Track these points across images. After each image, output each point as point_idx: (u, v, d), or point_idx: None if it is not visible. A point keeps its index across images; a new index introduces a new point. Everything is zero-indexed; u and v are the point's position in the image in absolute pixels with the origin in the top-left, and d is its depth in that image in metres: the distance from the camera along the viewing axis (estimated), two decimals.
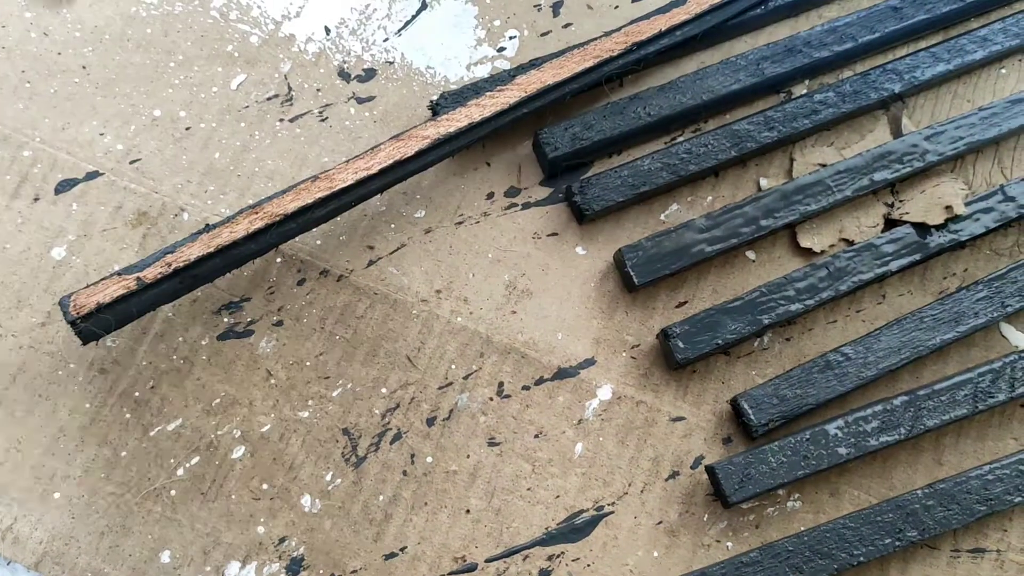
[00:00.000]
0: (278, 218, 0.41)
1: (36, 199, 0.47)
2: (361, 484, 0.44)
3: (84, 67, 0.49)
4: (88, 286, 0.39)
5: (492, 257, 0.48)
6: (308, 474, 0.44)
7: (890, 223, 0.49)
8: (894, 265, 0.47)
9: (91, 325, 0.39)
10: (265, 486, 0.44)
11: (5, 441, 0.43)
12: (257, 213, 0.41)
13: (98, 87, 0.49)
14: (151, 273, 0.39)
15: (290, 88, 0.50)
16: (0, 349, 0.44)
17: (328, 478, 0.44)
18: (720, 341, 0.45)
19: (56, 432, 0.44)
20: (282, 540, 0.43)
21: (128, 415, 0.44)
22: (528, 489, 0.44)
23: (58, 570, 0.42)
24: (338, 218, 0.47)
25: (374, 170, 0.43)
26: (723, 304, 0.46)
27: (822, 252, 0.48)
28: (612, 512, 0.44)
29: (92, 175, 0.47)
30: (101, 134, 0.48)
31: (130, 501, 0.43)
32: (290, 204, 0.41)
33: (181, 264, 0.39)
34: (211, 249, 0.40)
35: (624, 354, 0.46)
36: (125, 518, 0.43)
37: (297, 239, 0.47)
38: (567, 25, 0.52)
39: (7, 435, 0.43)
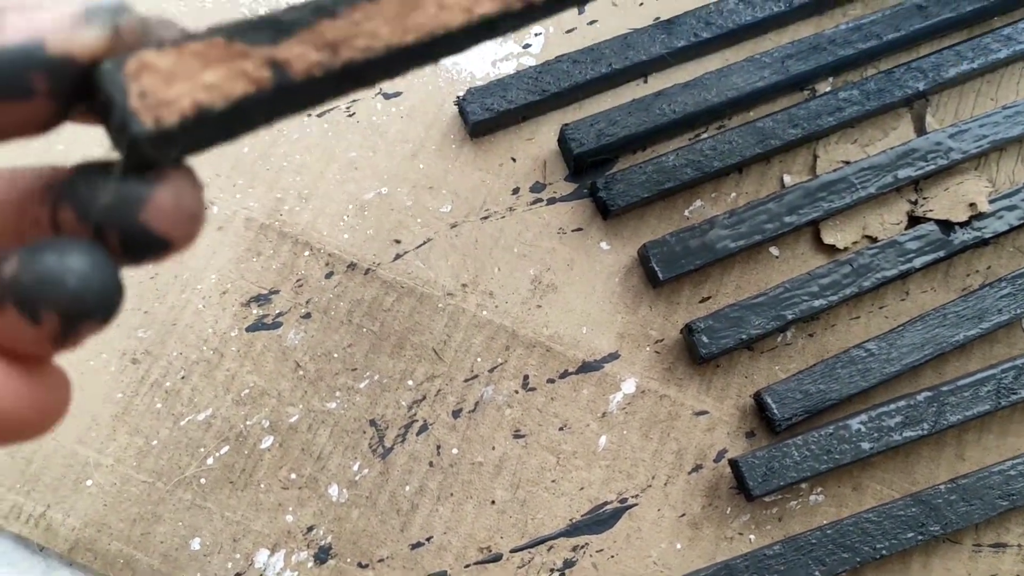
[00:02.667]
0: (515, 5, 0.21)
1: None
2: (388, 475, 0.44)
3: None
4: (142, 55, 0.17)
5: (517, 252, 0.48)
6: (336, 464, 0.44)
7: (914, 220, 0.49)
8: (918, 262, 0.47)
9: (155, 147, 0.18)
10: (293, 476, 0.44)
11: None
12: None
13: None
14: (299, 62, 0.19)
15: None
16: None
17: (355, 468, 0.44)
18: (744, 336, 0.45)
19: (88, 421, 0.44)
20: (310, 529, 0.44)
21: (159, 405, 0.45)
22: (553, 481, 0.45)
23: (90, 556, 0.43)
24: (366, 212, 0.48)
25: None
26: (747, 300, 0.46)
27: (845, 249, 0.48)
28: (636, 504, 0.45)
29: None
30: None
31: (161, 489, 0.44)
32: None
33: (358, 55, 0.19)
34: (409, 36, 0.20)
35: (648, 348, 0.47)
36: (156, 506, 0.43)
37: (324, 232, 0.47)
38: (592, 22, 0.52)
39: None
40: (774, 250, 0.49)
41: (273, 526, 0.43)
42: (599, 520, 0.44)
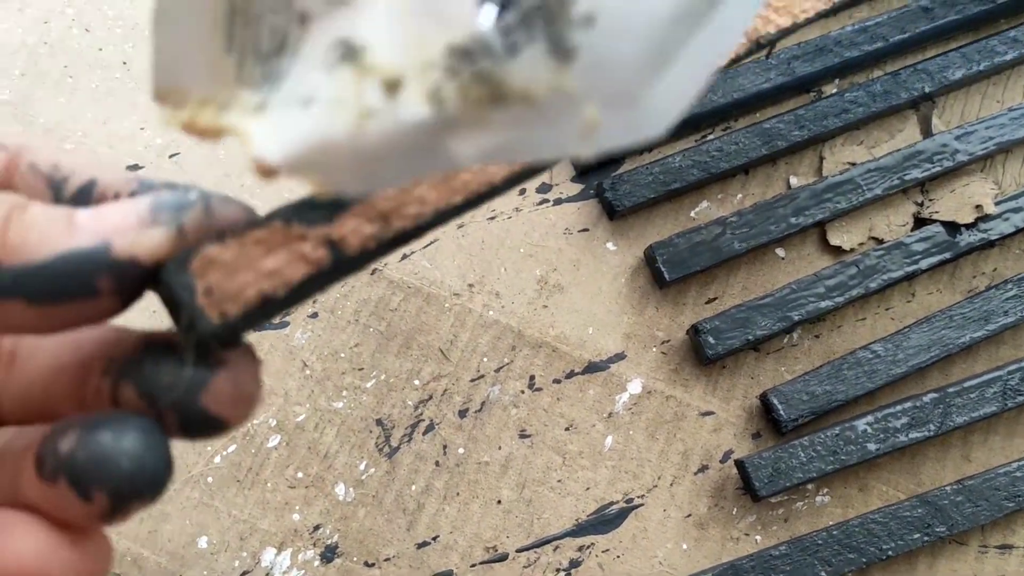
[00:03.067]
0: None
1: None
2: (394, 474, 0.45)
3: (125, 63, 0.50)
4: (206, 251, 0.18)
5: (524, 252, 0.48)
6: (342, 463, 0.45)
7: (920, 222, 0.49)
8: (924, 263, 0.47)
9: (220, 338, 0.19)
10: (300, 475, 0.44)
11: None
12: None
13: (138, 83, 0.50)
14: (354, 237, 0.19)
15: None
16: None
17: (362, 468, 0.45)
18: (750, 337, 0.45)
19: None
20: (317, 528, 0.44)
21: None
22: (559, 481, 0.45)
23: None
24: None
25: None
26: (753, 301, 0.46)
27: (852, 250, 0.48)
28: (642, 505, 0.45)
29: (132, 168, 0.48)
30: (141, 128, 0.49)
31: (169, 487, 0.44)
32: None
33: (409, 223, 0.20)
34: (457, 197, 0.20)
35: (654, 349, 0.47)
36: (164, 504, 0.44)
37: None
38: None
39: None
40: (780, 251, 0.49)
41: (280, 525, 0.44)
42: (605, 520, 0.44)
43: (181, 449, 0.44)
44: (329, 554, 0.43)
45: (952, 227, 0.48)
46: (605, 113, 0.16)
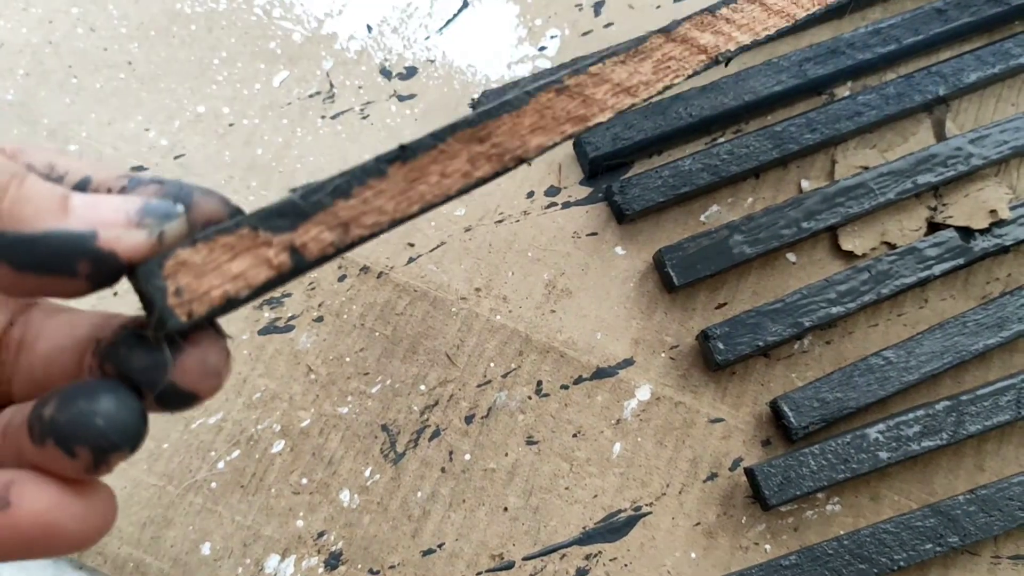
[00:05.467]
0: (509, 164, 0.24)
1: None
2: (400, 480, 0.44)
3: (130, 63, 0.50)
4: (179, 254, 0.20)
5: (532, 256, 0.48)
6: (347, 469, 0.44)
7: (933, 227, 0.48)
8: (937, 269, 0.46)
9: (186, 331, 0.20)
10: (304, 480, 0.44)
11: None
12: (483, 144, 0.24)
13: (143, 83, 0.50)
14: (314, 244, 0.21)
15: (332, 85, 0.50)
16: None
17: (367, 474, 0.44)
18: (760, 343, 0.45)
19: None
20: (321, 534, 0.43)
21: None
22: (566, 488, 0.44)
23: (100, 560, 0.42)
24: None
25: (639, 100, 0.28)
26: (763, 306, 0.46)
27: (864, 255, 0.48)
28: (650, 513, 0.44)
29: (137, 169, 0.48)
30: (146, 129, 0.49)
31: (172, 493, 0.43)
32: (532, 141, 0.25)
33: (366, 231, 0.22)
34: (413, 207, 0.22)
35: (663, 355, 0.46)
36: (167, 509, 0.43)
37: None
38: (608, 25, 0.52)
39: None
40: (791, 256, 0.48)
41: (284, 531, 0.43)
42: (613, 528, 0.44)
43: (184, 455, 0.44)
44: (333, 561, 0.43)
45: (966, 232, 0.47)
46: None
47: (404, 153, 0.22)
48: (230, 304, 0.20)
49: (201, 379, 0.20)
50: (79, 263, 0.19)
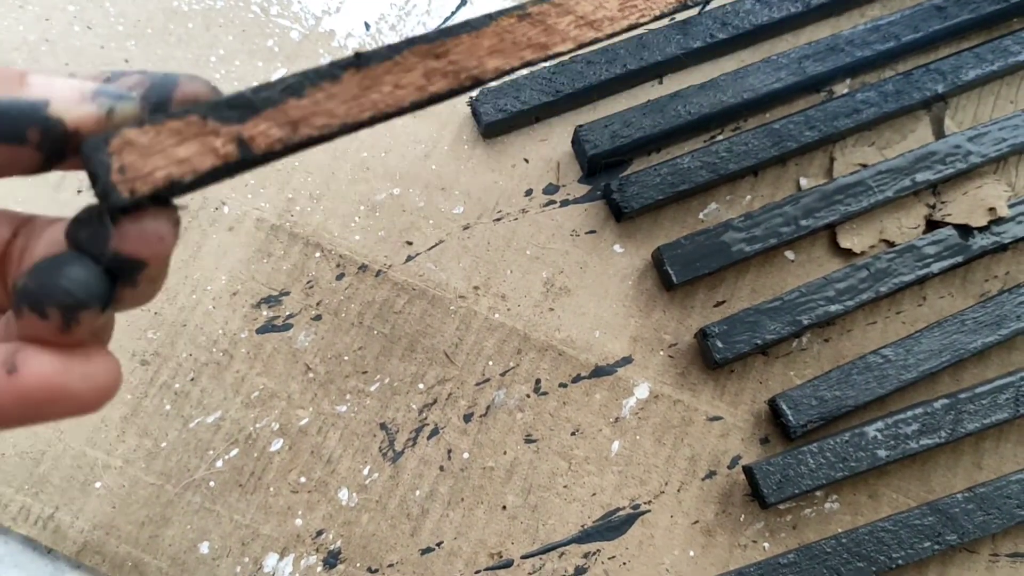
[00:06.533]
0: (465, 83, 0.24)
1: (79, 191, 0.47)
2: (398, 479, 0.44)
3: (127, 60, 0.50)
4: (125, 133, 0.20)
5: (530, 254, 0.48)
6: (346, 468, 0.44)
7: (932, 224, 0.48)
8: (935, 267, 0.46)
9: (129, 208, 0.21)
10: (303, 479, 0.44)
11: (47, 431, 0.44)
12: (439, 60, 0.24)
13: None
14: (262, 138, 0.21)
15: None
16: None
17: (365, 472, 0.44)
18: (759, 341, 0.45)
19: (97, 423, 0.44)
20: (319, 533, 0.43)
21: (168, 407, 0.44)
22: (564, 486, 0.44)
23: (98, 559, 0.42)
24: (377, 213, 0.48)
25: (602, 34, 0.27)
26: (762, 304, 0.46)
27: (862, 253, 0.48)
28: (648, 511, 0.44)
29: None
30: None
31: (170, 492, 0.43)
32: (489, 63, 0.25)
33: (315, 132, 0.22)
34: (364, 114, 0.23)
35: (661, 353, 0.46)
36: (165, 508, 0.43)
37: (335, 233, 0.47)
38: None
39: (49, 425, 0.44)
40: (790, 254, 0.48)
41: (282, 530, 0.43)
42: (611, 527, 0.44)
43: (182, 454, 0.44)
44: (332, 560, 0.43)
45: (964, 230, 0.47)
46: None
47: (359, 60, 0.23)
48: (174, 187, 0.21)
49: (142, 245, 0.21)
50: (29, 130, 0.20)
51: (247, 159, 0.21)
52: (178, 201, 0.22)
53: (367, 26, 0.51)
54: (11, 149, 0.21)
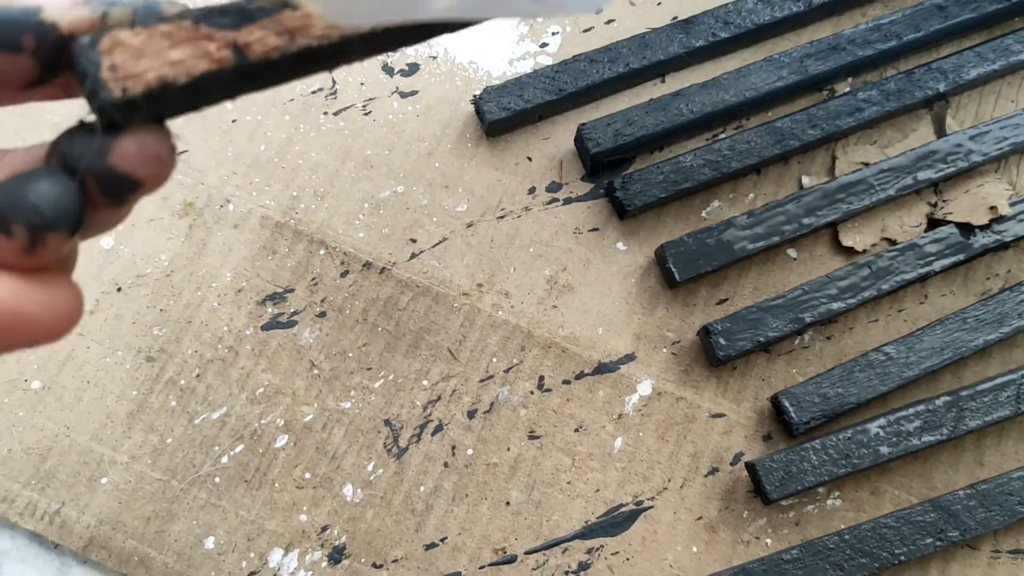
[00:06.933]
0: None
1: None
2: (402, 475, 0.44)
3: None
4: (116, 33, 0.20)
5: (533, 252, 0.48)
6: (350, 464, 0.44)
7: (933, 223, 0.49)
8: (937, 265, 0.47)
9: (122, 112, 0.20)
10: (308, 475, 0.44)
11: (54, 426, 0.44)
12: None
13: None
14: (259, 45, 0.21)
15: (334, 82, 0.50)
16: None
17: (370, 468, 0.44)
18: (761, 338, 0.45)
19: (103, 419, 0.44)
20: (324, 528, 0.43)
21: (174, 403, 0.45)
22: (568, 483, 0.44)
23: (104, 554, 0.43)
24: (381, 211, 0.48)
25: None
26: (764, 302, 0.46)
27: (864, 251, 0.48)
28: (651, 507, 0.44)
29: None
30: None
31: (176, 487, 0.44)
32: None
33: (314, 42, 0.21)
34: (364, 27, 0.21)
35: (664, 350, 0.47)
36: (171, 504, 0.43)
37: (340, 231, 0.47)
38: (609, 21, 0.52)
39: (56, 420, 0.44)
40: (792, 252, 0.48)
41: (287, 525, 0.43)
42: (614, 523, 0.44)
43: (188, 450, 0.44)
44: (337, 555, 0.43)
45: (966, 228, 0.48)
46: None
47: None
48: (167, 90, 0.20)
49: (140, 164, 0.20)
50: (23, 36, 0.20)
51: (243, 66, 0.20)
52: (184, 198, 0.21)
53: None
54: (7, 58, 0.20)
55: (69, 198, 0.20)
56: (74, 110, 0.47)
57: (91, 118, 0.20)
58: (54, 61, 0.21)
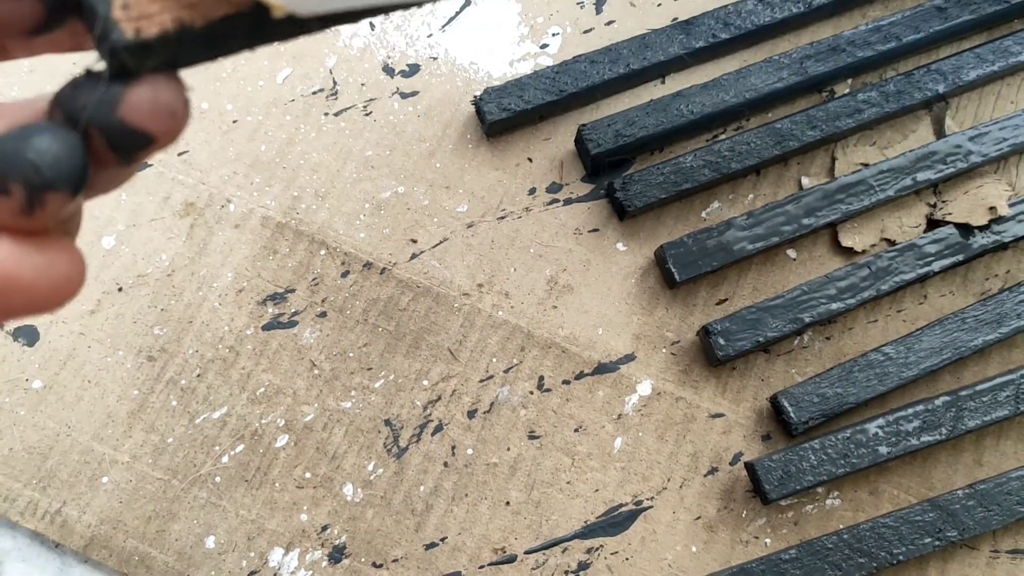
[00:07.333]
0: None
1: None
2: (403, 475, 0.44)
3: None
4: None
5: (534, 252, 0.48)
6: (351, 464, 0.44)
7: (932, 223, 0.49)
8: (936, 265, 0.47)
9: (135, 56, 0.18)
10: (308, 475, 0.44)
11: (55, 425, 0.44)
12: None
13: None
14: None
15: (335, 82, 0.50)
16: (51, 335, 0.45)
17: (370, 468, 0.44)
18: (760, 339, 0.45)
19: (104, 418, 0.44)
20: (324, 528, 0.43)
21: (175, 402, 0.45)
22: (567, 482, 0.45)
23: (105, 554, 0.43)
24: (382, 211, 0.48)
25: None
26: (764, 302, 0.46)
27: (864, 251, 0.48)
28: (651, 507, 0.44)
29: (141, 167, 0.48)
30: None
31: (176, 487, 0.44)
32: None
33: None
34: None
35: (664, 350, 0.47)
36: (171, 504, 0.43)
37: (340, 231, 0.47)
38: (610, 23, 0.52)
39: (57, 420, 0.44)
40: (791, 252, 0.49)
41: (287, 525, 0.43)
42: (614, 522, 0.44)
43: (188, 449, 0.44)
44: (337, 555, 0.43)
45: (965, 229, 0.48)
46: None
47: None
48: (184, 34, 0.18)
49: (153, 117, 0.19)
50: None
51: (261, 10, 0.19)
52: (185, 198, 0.21)
53: (372, 26, 0.52)
54: (11, 1, 0.19)
55: (71, 155, 0.18)
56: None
57: (99, 67, 0.18)
58: (60, 3, 0.19)
